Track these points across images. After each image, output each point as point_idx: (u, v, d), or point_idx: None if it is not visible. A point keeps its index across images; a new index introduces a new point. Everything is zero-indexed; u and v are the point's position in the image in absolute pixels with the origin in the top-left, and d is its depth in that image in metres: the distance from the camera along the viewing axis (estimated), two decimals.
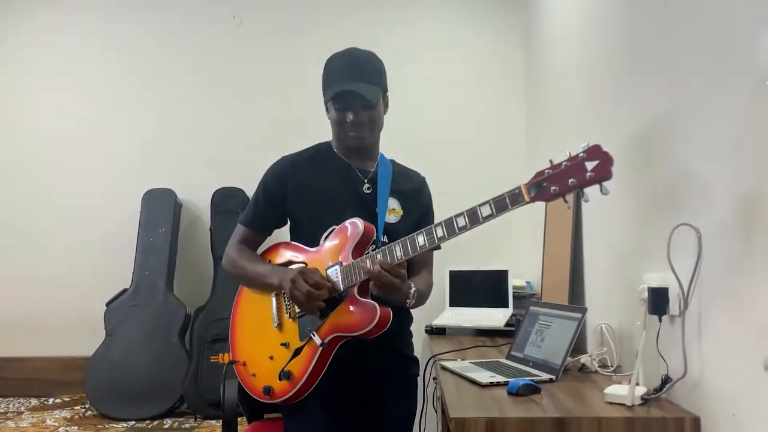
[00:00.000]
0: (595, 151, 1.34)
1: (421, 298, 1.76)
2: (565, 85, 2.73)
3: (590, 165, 1.34)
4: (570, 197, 1.40)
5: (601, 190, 1.35)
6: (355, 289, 1.63)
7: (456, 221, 1.50)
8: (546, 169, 1.39)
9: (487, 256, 3.34)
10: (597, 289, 2.23)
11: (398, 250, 1.59)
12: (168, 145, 3.70)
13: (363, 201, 1.81)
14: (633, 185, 1.88)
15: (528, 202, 1.41)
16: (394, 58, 1.88)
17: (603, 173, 1.33)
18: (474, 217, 1.47)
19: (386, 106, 1.86)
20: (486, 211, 1.45)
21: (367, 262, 1.60)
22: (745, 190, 1.28)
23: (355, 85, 1.73)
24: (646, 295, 1.59)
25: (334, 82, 1.77)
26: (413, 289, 1.66)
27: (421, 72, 3.62)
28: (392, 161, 1.95)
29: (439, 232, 1.53)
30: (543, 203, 1.45)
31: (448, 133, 3.62)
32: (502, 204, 1.43)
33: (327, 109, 1.85)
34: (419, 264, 1.83)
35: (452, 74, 3.68)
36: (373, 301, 1.61)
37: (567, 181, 1.36)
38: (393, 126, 1.96)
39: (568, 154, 1.37)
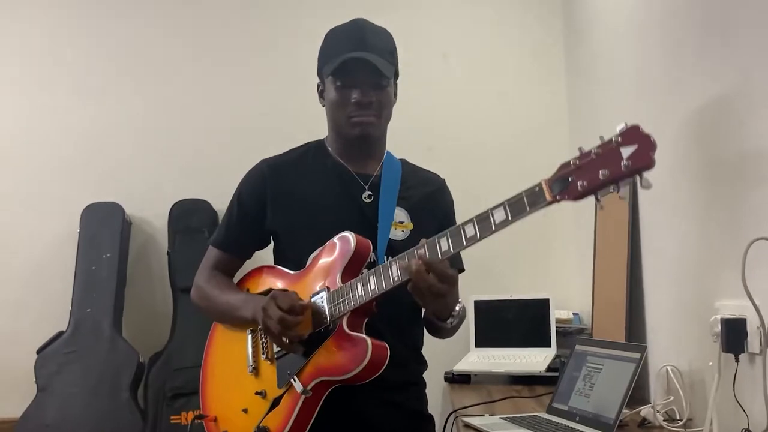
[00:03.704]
0: (632, 134, 1.31)
1: (461, 322, 1.80)
2: (611, 57, 2.80)
3: (626, 152, 1.30)
4: (609, 195, 1.36)
5: (640, 183, 1.31)
6: (344, 322, 1.67)
7: (464, 230, 1.49)
8: (572, 159, 1.37)
9: (523, 281, 3.39)
10: (661, 322, 2.27)
11: (394, 270, 1.60)
12: (113, 148, 3.74)
13: (363, 213, 1.86)
14: (699, 187, 1.93)
15: (551, 202, 1.38)
16: (402, 34, 1.93)
17: (643, 161, 1.29)
18: (485, 224, 1.46)
19: (395, 95, 1.93)
20: (500, 215, 1.44)
21: (406, 258, 1.59)
22: None
23: (364, 54, 1.79)
24: (719, 328, 1.64)
25: (336, 53, 1.82)
26: (460, 305, 1.71)
27: (434, 47, 3.68)
28: (403, 161, 2.01)
29: (444, 244, 1.53)
30: (589, 207, 1.46)
31: (470, 120, 3.69)
32: (519, 206, 1.41)
33: (321, 95, 1.91)
34: None
35: (473, 49, 3.75)
36: (363, 335, 1.64)
37: (597, 173, 1.33)
38: (402, 115, 2.00)
39: (600, 139, 1.36)
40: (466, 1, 3.80)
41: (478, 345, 3.19)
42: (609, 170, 1.33)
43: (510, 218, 1.43)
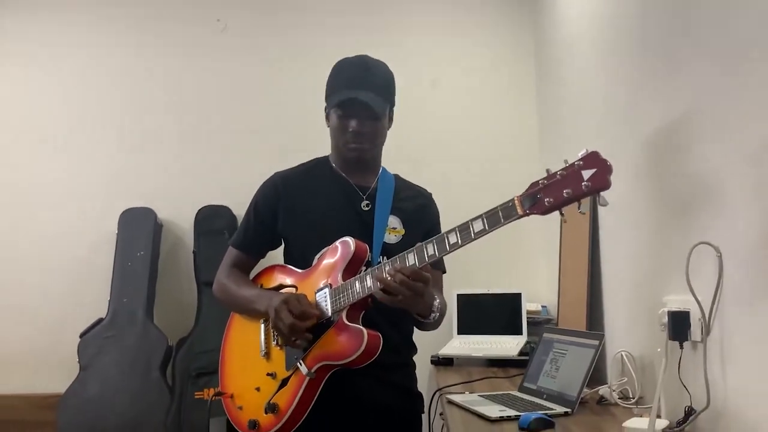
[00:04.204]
0: (592, 159, 1.36)
1: (441, 316, 1.81)
2: (578, 88, 2.81)
3: (587, 174, 1.35)
4: (571, 209, 1.41)
5: (598, 201, 1.36)
6: (344, 314, 1.68)
7: (447, 238, 1.53)
8: (541, 180, 1.42)
9: (498, 278, 3.38)
10: (616, 314, 2.28)
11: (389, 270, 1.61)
12: (147, 160, 3.74)
13: (361, 219, 1.87)
14: (652, 197, 1.94)
15: (522, 216, 1.43)
16: (394, 62, 1.95)
17: (600, 182, 1.34)
18: (466, 233, 1.50)
19: (391, 120, 1.94)
20: (478, 226, 1.48)
21: (382, 270, 1.61)
22: (766, 206, 1.33)
23: (363, 93, 1.80)
24: (666, 319, 1.65)
25: (340, 87, 1.84)
26: (437, 300, 1.72)
27: (423, 77, 3.69)
28: (396, 176, 2.02)
29: (431, 249, 1.56)
30: (556, 215, 1.46)
31: (453, 141, 3.70)
32: (495, 218, 1.46)
33: (327, 117, 1.93)
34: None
35: (457, 79, 3.76)
36: (360, 326, 1.65)
37: (562, 192, 1.38)
38: (393, 134, 2.00)
39: (564, 162, 1.40)
40: (454, 33, 3.80)
41: (460, 332, 3.19)
42: (572, 189, 1.37)
43: (487, 228, 1.47)
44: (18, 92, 3.84)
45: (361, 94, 1.80)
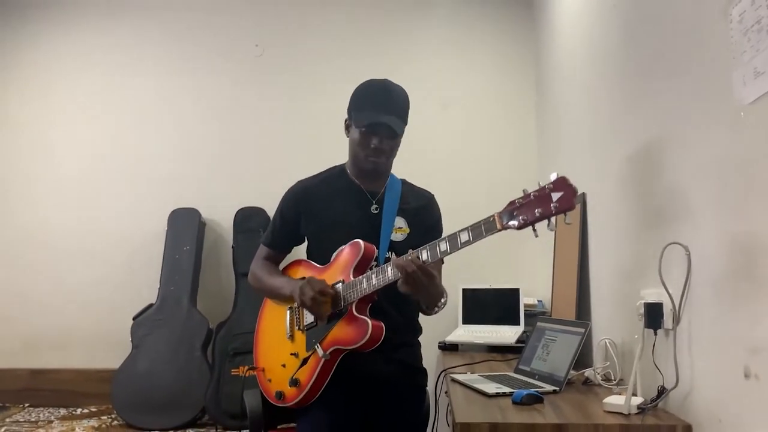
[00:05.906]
0: (560, 183, 1.40)
1: (441, 308, 1.89)
2: (570, 110, 2.84)
3: (556, 196, 1.39)
4: (541, 225, 1.45)
5: (565, 220, 1.40)
6: (353, 306, 1.77)
7: (439, 245, 1.61)
8: (517, 199, 1.47)
9: (499, 275, 3.41)
10: (601, 305, 2.31)
11: (389, 272, 1.70)
12: (193, 167, 3.84)
13: (370, 221, 1.95)
14: (632, 205, 1.98)
15: (500, 230, 1.48)
16: (407, 81, 2.00)
17: (567, 204, 1.38)
18: (454, 242, 1.57)
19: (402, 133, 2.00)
20: (464, 237, 1.55)
21: (407, 258, 1.66)
22: (727, 212, 1.37)
23: (387, 117, 1.87)
24: (642, 310, 1.68)
25: (367, 108, 1.89)
26: (444, 299, 1.81)
27: (432, 94, 3.73)
28: (403, 181, 2.08)
29: (424, 255, 1.64)
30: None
31: (459, 151, 3.76)
32: (478, 231, 1.52)
33: (347, 128, 1.99)
34: None
35: (467, 99, 3.81)
36: (366, 318, 1.74)
37: (534, 211, 1.42)
38: (405, 146, 2.03)
39: (538, 184, 1.44)
40: (463, 60, 3.85)
41: (464, 322, 3.22)
42: (542, 209, 1.42)
43: (471, 239, 1.53)
44: (85, 100, 3.97)
45: (385, 118, 1.86)
